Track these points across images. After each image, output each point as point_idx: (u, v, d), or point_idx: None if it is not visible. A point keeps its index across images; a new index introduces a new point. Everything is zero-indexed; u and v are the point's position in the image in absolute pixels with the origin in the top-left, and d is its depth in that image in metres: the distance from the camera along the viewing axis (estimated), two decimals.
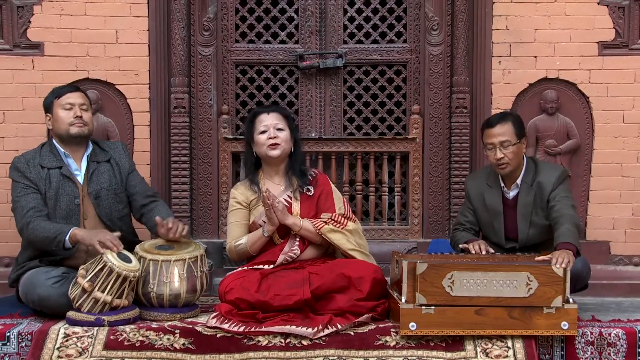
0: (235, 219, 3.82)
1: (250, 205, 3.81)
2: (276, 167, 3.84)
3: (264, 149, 3.76)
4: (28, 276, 3.61)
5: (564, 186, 3.79)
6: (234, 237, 3.80)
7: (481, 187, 3.93)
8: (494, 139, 3.76)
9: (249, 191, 3.83)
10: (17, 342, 3.38)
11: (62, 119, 3.74)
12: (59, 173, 3.73)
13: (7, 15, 4.32)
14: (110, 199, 3.80)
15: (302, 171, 3.85)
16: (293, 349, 3.34)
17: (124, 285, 3.43)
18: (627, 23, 4.37)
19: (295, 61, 4.64)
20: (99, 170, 3.80)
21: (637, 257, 4.48)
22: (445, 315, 3.34)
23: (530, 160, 3.90)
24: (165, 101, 4.49)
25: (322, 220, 3.74)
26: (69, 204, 3.71)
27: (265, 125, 3.77)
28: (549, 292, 3.35)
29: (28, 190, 3.68)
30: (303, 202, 3.80)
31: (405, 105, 4.69)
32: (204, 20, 4.57)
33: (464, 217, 4.00)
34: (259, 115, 3.83)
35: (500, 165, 3.77)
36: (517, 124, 3.80)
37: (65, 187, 3.72)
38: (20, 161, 3.75)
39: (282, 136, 3.77)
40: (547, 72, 4.42)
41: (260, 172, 3.87)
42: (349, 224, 3.76)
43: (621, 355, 3.46)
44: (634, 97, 4.41)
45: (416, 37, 4.64)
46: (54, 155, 3.76)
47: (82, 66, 4.38)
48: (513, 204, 3.85)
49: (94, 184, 3.77)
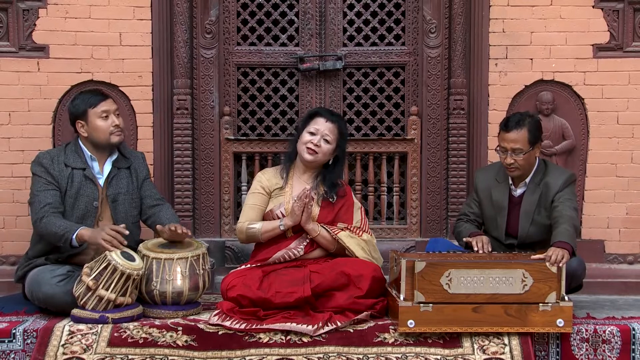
0: (254, 202, 3.81)
1: (272, 193, 3.81)
2: (308, 169, 3.84)
3: (303, 147, 3.77)
4: (34, 274, 3.64)
5: (570, 189, 3.81)
6: (248, 219, 3.78)
7: (490, 182, 3.94)
8: (506, 144, 3.76)
9: (276, 178, 3.83)
10: (22, 339, 3.41)
11: (101, 129, 3.75)
12: (82, 174, 3.76)
13: (12, 18, 4.33)
14: (127, 204, 3.83)
15: (334, 184, 3.83)
16: (293, 345, 3.36)
17: (127, 283, 3.45)
18: (622, 26, 4.39)
19: (295, 63, 4.65)
20: (119, 175, 3.83)
21: (631, 256, 4.50)
22: (443, 313, 3.37)
23: (541, 161, 3.91)
24: (168, 102, 4.51)
25: (339, 227, 3.75)
26: (87, 205, 3.74)
27: (317, 129, 3.76)
28: (543, 288, 3.38)
29: (49, 187, 3.70)
30: (323, 207, 3.79)
31: (404, 106, 4.70)
32: (206, 23, 4.58)
33: (469, 208, 4.02)
34: (319, 116, 3.82)
35: (509, 169, 3.80)
36: (532, 131, 3.77)
37: (86, 189, 3.75)
38: (45, 157, 3.76)
39: (324, 148, 3.76)
40: (543, 74, 4.44)
41: (295, 164, 3.87)
42: (363, 235, 3.78)
43: (615, 352, 3.48)
44: (628, 98, 4.42)
45: (414, 40, 4.65)
46: (79, 156, 3.79)
47: (87, 68, 4.39)
48: (518, 202, 3.87)
49: (112, 187, 3.80)
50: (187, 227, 4.43)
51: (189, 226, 4.52)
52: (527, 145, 3.75)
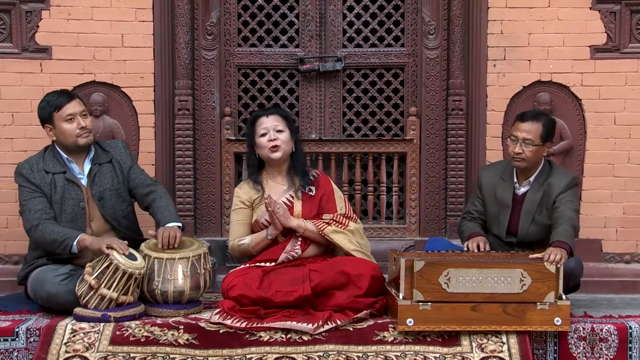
0: (238, 218, 3.85)
1: (254, 205, 3.84)
2: (278, 168, 3.87)
3: (266, 151, 3.79)
4: (36, 274, 3.64)
5: (572, 192, 3.84)
6: (237, 236, 3.83)
7: (494, 180, 3.97)
8: (518, 133, 3.80)
9: (252, 190, 3.85)
10: (25, 337, 3.41)
11: (67, 132, 3.71)
12: (63, 178, 3.73)
13: (16, 20, 4.34)
14: (114, 199, 3.81)
15: (305, 172, 3.88)
16: (294, 344, 3.37)
17: (129, 282, 3.46)
18: (618, 27, 4.40)
19: (296, 64, 4.67)
20: (101, 172, 3.80)
21: (628, 255, 4.51)
22: (442, 312, 3.38)
23: (547, 162, 3.94)
24: (169, 103, 4.52)
25: (324, 221, 3.76)
26: (74, 207, 3.73)
27: (265, 127, 3.80)
28: (541, 288, 3.39)
29: (34, 194, 3.69)
30: (305, 202, 3.82)
31: (403, 107, 4.72)
32: (207, 24, 4.60)
33: (472, 207, 4.05)
34: (259, 118, 3.85)
35: (516, 159, 3.82)
36: (547, 128, 3.82)
37: (70, 191, 3.73)
38: (24, 167, 3.74)
39: (282, 137, 3.80)
40: (540, 75, 4.46)
41: (263, 172, 3.90)
42: (350, 224, 3.80)
43: (612, 350, 3.50)
44: (625, 99, 4.44)
45: (413, 41, 4.67)
46: (57, 160, 3.76)
47: (89, 69, 4.40)
48: (521, 200, 3.90)
49: (97, 185, 3.77)
50: (189, 226, 4.49)
51: (190, 226, 4.54)
52: (538, 138, 3.80)
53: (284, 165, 3.88)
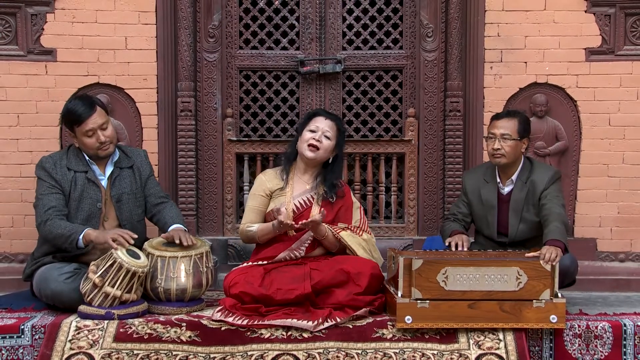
0: (253, 204, 3.84)
1: (273, 194, 3.82)
2: (308, 168, 3.85)
3: (304, 145, 3.78)
4: (42, 272, 3.66)
5: (556, 186, 3.85)
6: (248, 221, 3.82)
7: (478, 182, 3.99)
8: (496, 130, 3.84)
9: (277, 179, 3.84)
10: (30, 334, 3.43)
11: (87, 145, 3.71)
12: (84, 177, 3.75)
13: (21, 22, 4.36)
14: (131, 203, 3.84)
15: (334, 185, 3.83)
16: (294, 341, 3.39)
17: (132, 281, 3.48)
18: (613, 30, 4.43)
19: (296, 67, 4.70)
20: (121, 175, 3.83)
21: (622, 254, 4.55)
22: (440, 309, 3.40)
23: (527, 159, 3.96)
24: (172, 104, 4.54)
25: (340, 227, 3.77)
26: (91, 206, 3.75)
27: (317, 127, 3.79)
28: (537, 285, 3.41)
29: (52, 190, 3.70)
30: (323, 207, 3.79)
31: (402, 108, 4.74)
32: (209, 27, 4.63)
33: (457, 208, 4.07)
34: (319, 116, 3.85)
35: (495, 155, 3.84)
36: (522, 124, 3.86)
37: (89, 191, 3.75)
38: (48, 161, 3.75)
39: (325, 144, 3.78)
40: (536, 77, 4.49)
41: (295, 164, 3.89)
42: (363, 235, 3.81)
43: (607, 347, 3.52)
44: (619, 101, 4.47)
45: (412, 44, 4.70)
46: (80, 160, 3.78)
47: (93, 71, 4.43)
48: (507, 199, 3.92)
49: (116, 188, 3.80)
50: (191, 225, 4.51)
51: (192, 225, 4.56)
52: (515, 133, 3.83)
53: (313, 168, 3.86)
